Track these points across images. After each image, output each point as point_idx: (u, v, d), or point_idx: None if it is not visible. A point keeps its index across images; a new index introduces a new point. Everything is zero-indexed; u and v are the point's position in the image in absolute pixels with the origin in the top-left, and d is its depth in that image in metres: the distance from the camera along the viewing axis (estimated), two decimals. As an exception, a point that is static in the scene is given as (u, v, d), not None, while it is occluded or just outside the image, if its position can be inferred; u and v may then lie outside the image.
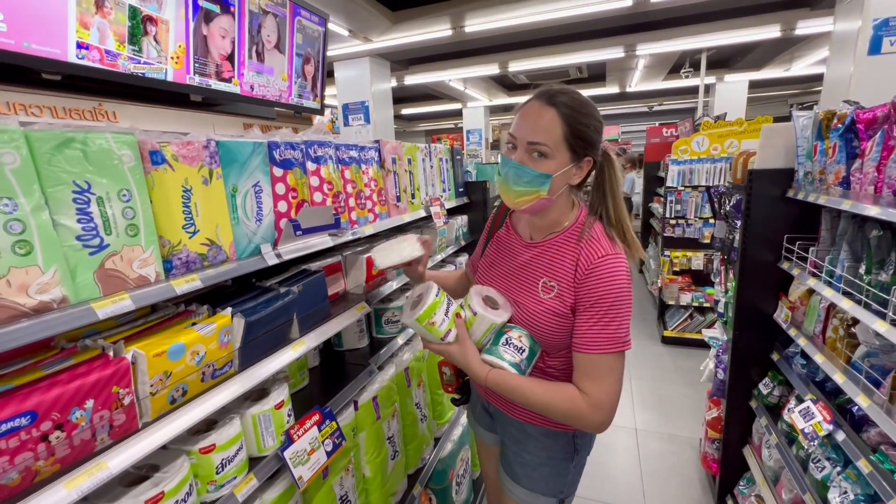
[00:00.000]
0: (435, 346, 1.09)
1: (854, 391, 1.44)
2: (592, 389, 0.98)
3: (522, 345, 1.06)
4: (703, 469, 2.69)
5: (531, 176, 1.00)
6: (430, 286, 1.08)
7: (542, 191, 1.00)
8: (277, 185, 1.15)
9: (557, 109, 0.97)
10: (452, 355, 1.08)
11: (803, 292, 1.93)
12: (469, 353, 1.07)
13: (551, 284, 1.05)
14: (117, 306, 0.76)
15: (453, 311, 1.09)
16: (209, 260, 0.95)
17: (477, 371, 1.05)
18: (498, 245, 1.27)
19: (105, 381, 0.75)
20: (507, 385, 1.02)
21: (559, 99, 0.98)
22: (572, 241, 1.06)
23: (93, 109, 1.72)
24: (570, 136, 0.98)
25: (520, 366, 1.04)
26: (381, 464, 1.64)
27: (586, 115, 1.00)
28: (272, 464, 1.14)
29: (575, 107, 0.99)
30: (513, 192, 1.02)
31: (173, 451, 0.96)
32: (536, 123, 0.98)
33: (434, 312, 1.04)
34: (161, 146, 0.84)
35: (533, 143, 0.98)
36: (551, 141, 0.97)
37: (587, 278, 0.99)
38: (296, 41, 2.03)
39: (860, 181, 1.48)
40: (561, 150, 0.99)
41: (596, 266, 0.98)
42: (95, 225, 0.74)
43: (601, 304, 0.97)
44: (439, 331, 1.05)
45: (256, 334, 1.07)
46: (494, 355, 1.05)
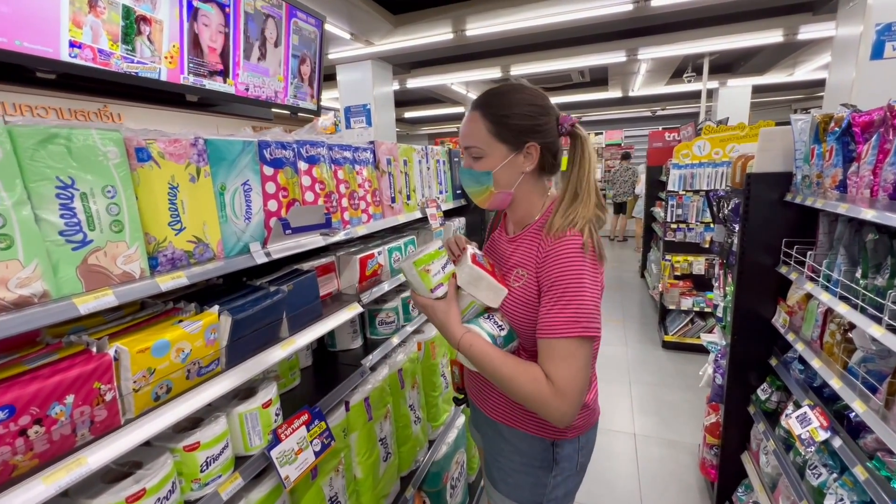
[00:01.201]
0: (421, 299, 1.09)
1: (850, 397, 1.42)
2: (555, 375, 0.95)
3: (503, 325, 1.07)
4: (701, 475, 2.66)
5: (475, 176, 1.08)
6: (435, 242, 1.12)
7: (489, 187, 1.07)
8: (267, 183, 1.15)
9: (479, 110, 1.04)
10: (435, 310, 1.07)
11: (801, 297, 1.92)
12: (452, 312, 1.07)
13: (521, 273, 1.07)
14: (100, 301, 0.76)
15: (449, 271, 1.10)
16: (196, 257, 0.96)
17: (454, 330, 1.04)
18: (491, 246, 1.30)
19: (86, 376, 0.75)
20: (479, 349, 1.01)
21: (479, 101, 1.06)
22: (540, 229, 1.07)
23: (98, 111, 1.74)
24: (496, 132, 1.03)
25: (496, 339, 1.04)
26: (373, 465, 1.63)
27: (508, 105, 1.03)
28: (258, 463, 1.13)
29: (494, 102, 1.04)
30: (473, 194, 1.12)
31: (157, 448, 0.96)
32: (466, 129, 1.07)
33: (433, 261, 1.06)
34: (147, 143, 0.84)
35: (467, 148, 1.07)
36: (480, 141, 1.04)
37: (545, 261, 1.00)
38: (292, 42, 2.04)
39: (857, 184, 1.47)
40: (493, 146, 1.04)
41: (552, 248, 0.99)
42: (79, 220, 0.74)
43: (558, 285, 0.96)
44: (431, 280, 1.05)
45: (244, 333, 1.07)
46: (474, 324, 1.06)
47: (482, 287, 1.07)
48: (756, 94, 8.80)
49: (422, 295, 1.09)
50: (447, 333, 1.06)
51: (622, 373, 4.03)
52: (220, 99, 1.85)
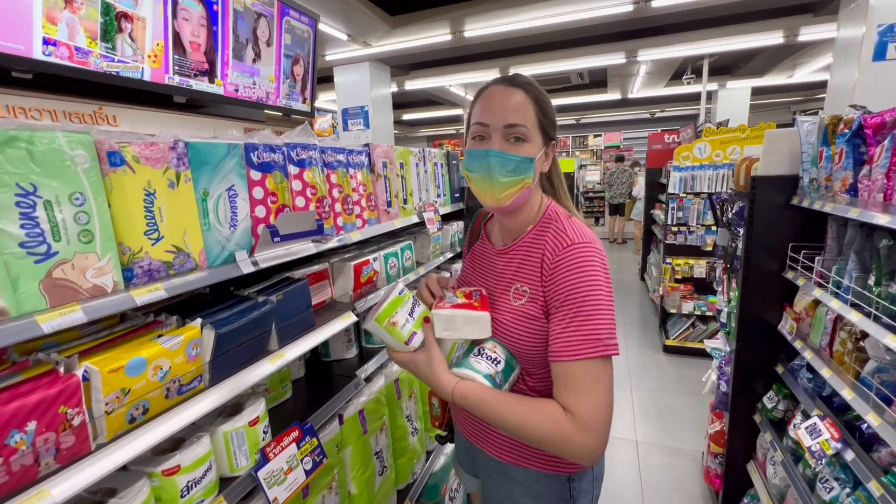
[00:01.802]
0: (399, 356, 0.96)
1: (864, 408, 1.36)
2: (577, 405, 0.81)
3: (497, 356, 0.92)
4: (705, 484, 2.61)
5: (515, 162, 0.90)
6: (395, 284, 0.98)
7: (527, 178, 0.91)
8: (255, 189, 1.09)
9: (524, 90, 0.91)
10: (417, 365, 0.93)
11: (809, 303, 1.87)
12: (435, 361, 0.92)
13: (523, 289, 0.93)
14: (66, 319, 0.70)
15: (420, 314, 0.95)
16: (175, 268, 0.90)
17: (443, 381, 0.90)
18: (473, 260, 1.14)
19: (50, 400, 0.69)
20: (478, 398, 0.86)
21: (521, 80, 0.93)
22: (539, 237, 0.95)
23: (93, 113, 1.70)
24: (541, 117, 0.92)
25: (494, 378, 0.89)
26: (368, 480, 1.57)
27: (546, 94, 0.96)
28: (245, 484, 1.07)
29: (537, 86, 0.94)
30: (498, 185, 0.90)
31: (133, 473, 0.89)
32: (512, 105, 0.90)
33: (395, 311, 0.91)
34: (121, 147, 0.78)
35: (511, 126, 0.89)
36: (528, 122, 0.90)
37: (554, 273, 0.87)
38: (284, 42, 1.99)
39: (868, 188, 1.42)
40: (535, 131, 0.92)
41: (562, 258, 0.87)
42: (42, 231, 0.68)
43: (572, 300, 0.84)
44: (402, 333, 0.91)
45: (229, 347, 1.01)
46: (465, 366, 0.91)
47: (459, 325, 0.92)
48: (755, 95, 8.79)
49: (398, 350, 0.96)
50: (436, 388, 0.92)
51: (623, 378, 3.98)
52: (208, 100, 1.79)
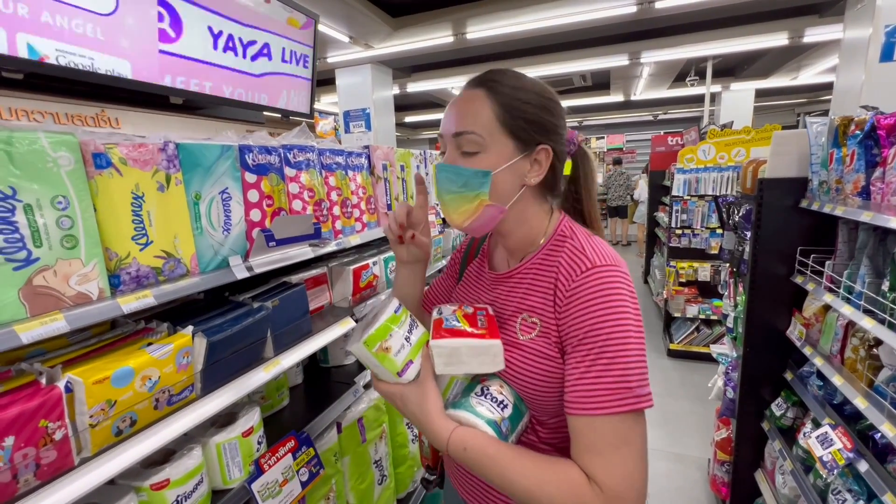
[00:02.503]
0: (386, 387, 0.76)
1: (878, 418, 1.32)
2: (603, 473, 0.64)
3: (504, 398, 0.75)
4: (711, 492, 2.56)
5: (465, 176, 0.74)
6: (389, 300, 0.79)
7: (482, 194, 0.74)
8: (250, 191, 1.06)
9: (483, 88, 0.75)
10: (406, 401, 0.74)
11: (818, 308, 1.82)
12: (429, 400, 0.73)
13: (532, 321, 0.76)
14: (48, 328, 0.67)
15: (419, 338, 0.77)
16: (165, 274, 0.86)
17: (437, 426, 0.71)
18: (467, 282, 0.96)
19: (29, 414, 0.66)
20: (480, 452, 0.68)
21: (485, 76, 0.77)
22: (551, 258, 0.78)
23: (95, 115, 1.69)
24: (506, 118, 0.74)
25: (499, 426, 0.71)
26: (367, 490, 1.53)
27: (527, 90, 0.76)
28: (238, 497, 1.04)
29: (510, 83, 0.76)
30: (450, 204, 0.77)
31: (121, 487, 0.86)
32: (460, 109, 0.75)
33: (389, 333, 0.72)
34: (107, 148, 0.75)
35: (459, 134, 0.74)
36: (481, 126, 0.73)
37: (570, 302, 0.70)
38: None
39: (882, 191, 1.38)
40: (497, 136, 0.74)
41: (580, 284, 0.70)
42: (21, 236, 0.65)
43: (593, 337, 0.67)
44: (395, 362, 0.73)
45: (221, 355, 0.98)
46: (463, 408, 0.73)
47: (464, 358, 0.73)
48: (759, 97, 8.74)
49: (386, 382, 0.77)
50: (428, 433, 0.73)
51: (627, 383, 3.92)
52: (205, 101, 1.76)
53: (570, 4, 4.12)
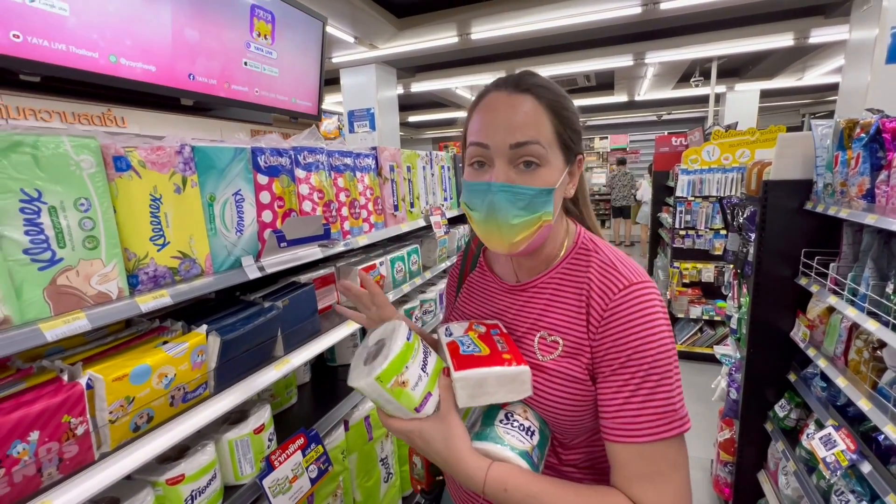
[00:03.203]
0: (401, 425, 0.67)
1: (882, 420, 1.33)
2: (654, 498, 0.61)
3: (530, 423, 0.68)
4: (714, 493, 2.56)
5: (529, 196, 0.67)
6: (396, 326, 0.70)
7: (546, 214, 0.68)
8: (262, 193, 1.08)
9: (536, 96, 0.68)
10: (429, 439, 0.65)
11: (822, 310, 1.83)
12: (456, 435, 0.65)
13: (553, 339, 0.71)
14: (70, 326, 0.69)
15: (434, 366, 0.69)
16: (181, 274, 0.88)
17: (470, 466, 0.64)
18: (471, 294, 0.89)
19: (53, 409, 0.68)
20: (524, 492, 0.62)
21: (530, 81, 0.70)
22: (574, 273, 0.73)
23: (101, 115, 1.71)
24: (560, 129, 0.69)
25: (531, 457, 0.66)
26: (373, 488, 1.55)
27: (566, 97, 0.73)
28: (250, 493, 1.06)
29: (553, 89, 0.71)
30: (508, 229, 0.68)
31: (138, 482, 0.88)
32: (520, 119, 0.67)
33: (405, 366, 0.64)
34: (127, 151, 0.77)
35: (520, 145, 0.66)
36: (543, 137, 0.67)
37: (608, 324, 0.66)
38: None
39: (887, 194, 1.39)
40: (554, 148, 0.69)
41: (618, 304, 0.65)
42: (46, 237, 0.67)
43: (636, 363, 0.63)
44: (413, 397, 0.64)
45: (234, 353, 1.00)
46: (492, 441, 0.65)
47: (490, 389, 0.66)
48: (764, 98, 8.70)
49: (399, 419, 0.67)
50: (459, 474, 0.65)
51: (630, 383, 3.92)
52: (216, 103, 1.78)
53: (575, 5, 4.12)
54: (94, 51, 1.31)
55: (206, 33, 1.61)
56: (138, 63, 1.45)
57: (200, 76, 1.63)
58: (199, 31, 1.58)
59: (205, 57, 1.63)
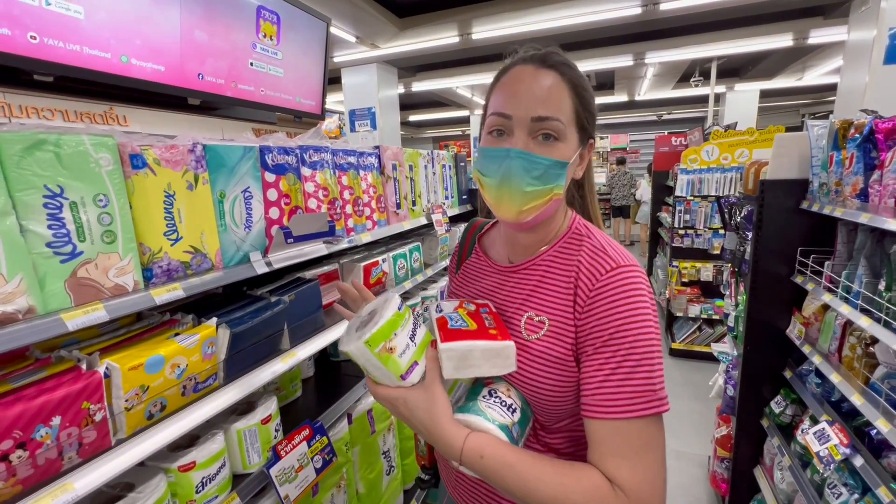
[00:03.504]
0: (387, 392, 0.69)
1: (874, 414, 1.36)
2: (627, 477, 0.62)
3: (513, 401, 0.71)
4: (711, 489, 2.59)
5: (544, 166, 0.69)
6: (390, 297, 0.72)
7: (557, 187, 0.71)
8: (269, 190, 1.11)
9: (560, 74, 0.71)
10: (413, 408, 0.67)
11: (818, 308, 1.86)
12: (439, 406, 0.67)
13: (539, 320, 0.73)
14: (90, 317, 0.72)
15: (422, 338, 0.71)
16: (193, 268, 0.92)
17: (449, 433, 0.65)
18: (466, 277, 0.91)
19: (74, 396, 0.71)
20: (499, 460, 0.63)
21: (556, 58, 0.72)
22: (565, 256, 0.76)
23: (104, 113, 1.74)
24: (579, 108, 0.72)
25: (511, 431, 0.68)
26: (376, 480, 1.58)
27: (586, 79, 0.75)
28: (257, 481, 1.09)
29: (576, 70, 0.74)
30: (520, 196, 0.70)
31: (150, 469, 0.91)
32: (545, 93, 0.69)
33: (394, 332, 0.66)
34: (142, 150, 0.81)
35: (542, 119, 0.68)
36: (564, 114, 0.70)
37: (593, 303, 0.67)
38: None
39: (879, 193, 1.42)
40: (572, 128, 0.71)
41: (605, 284, 0.67)
42: (68, 231, 0.70)
43: (618, 340, 0.65)
44: (399, 364, 0.66)
45: (243, 346, 1.03)
46: (472, 411, 0.68)
47: (476, 362, 0.69)
48: (764, 98, 8.74)
49: (385, 386, 0.70)
50: (438, 441, 0.67)
51: (629, 381, 3.95)
52: (222, 102, 1.81)
53: (575, 5, 4.15)
54: (106, 51, 1.34)
55: (214, 34, 1.64)
56: (149, 63, 1.48)
57: (209, 76, 1.66)
58: (208, 32, 1.61)
59: (213, 57, 1.66)
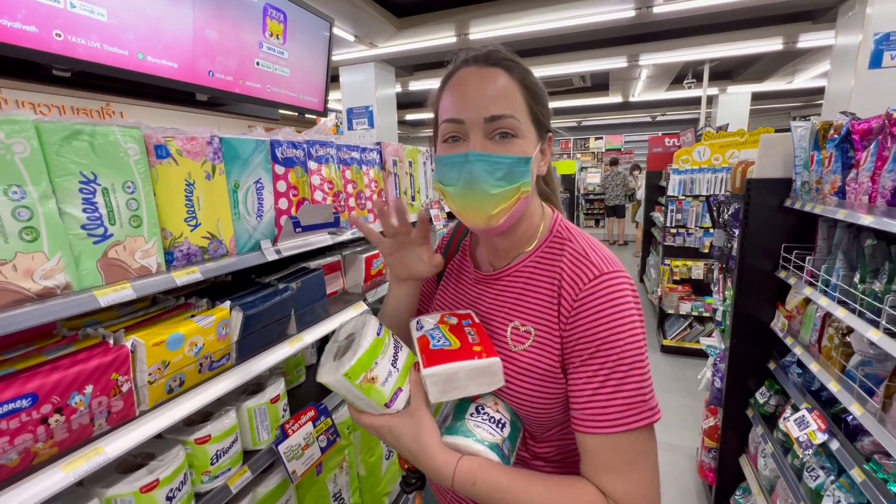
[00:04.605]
0: (371, 420, 0.67)
1: (848, 400, 1.44)
2: (621, 490, 0.62)
3: (501, 415, 0.68)
4: (699, 478, 2.68)
5: (507, 165, 0.66)
6: (367, 320, 0.69)
7: (524, 184, 0.67)
8: (279, 182, 1.17)
9: (507, 70, 0.68)
10: (399, 436, 0.65)
11: (800, 301, 1.94)
12: (426, 431, 0.65)
13: (525, 330, 0.70)
14: (118, 294, 0.78)
15: (405, 361, 0.68)
16: (210, 253, 0.97)
17: (439, 461, 0.64)
18: (448, 281, 0.87)
19: (105, 367, 0.77)
20: (492, 485, 0.62)
21: (500, 56, 0.69)
22: (547, 262, 0.72)
23: (101, 109, 1.77)
24: (532, 102, 0.69)
25: (502, 449, 0.66)
26: (375, 464, 1.64)
27: (533, 74, 0.72)
28: (266, 457, 1.15)
29: (522, 64, 0.71)
30: (488, 200, 0.66)
31: (169, 441, 0.97)
32: (494, 92, 0.66)
33: (375, 361, 0.63)
34: (166, 141, 0.86)
35: (495, 118, 0.65)
36: (517, 111, 0.67)
37: (578, 312, 0.65)
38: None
39: (855, 191, 1.50)
40: (527, 123, 0.68)
41: (589, 293, 0.65)
42: (100, 215, 0.76)
43: (606, 351, 0.63)
44: (383, 393, 0.64)
45: (254, 328, 1.09)
46: (462, 434, 0.66)
47: (462, 383, 0.66)
48: (755, 100, 8.87)
49: (371, 413, 0.67)
50: (428, 469, 0.65)
51: (621, 376, 4.03)
52: (229, 99, 1.87)
53: (571, 8, 4.23)
54: (125, 48, 1.40)
55: (225, 33, 1.69)
56: (163, 60, 1.54)
57: (219, 73, 1.72)
58: (218, 31, 1.66)
59: (223, 55, 1.71)
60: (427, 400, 0.67)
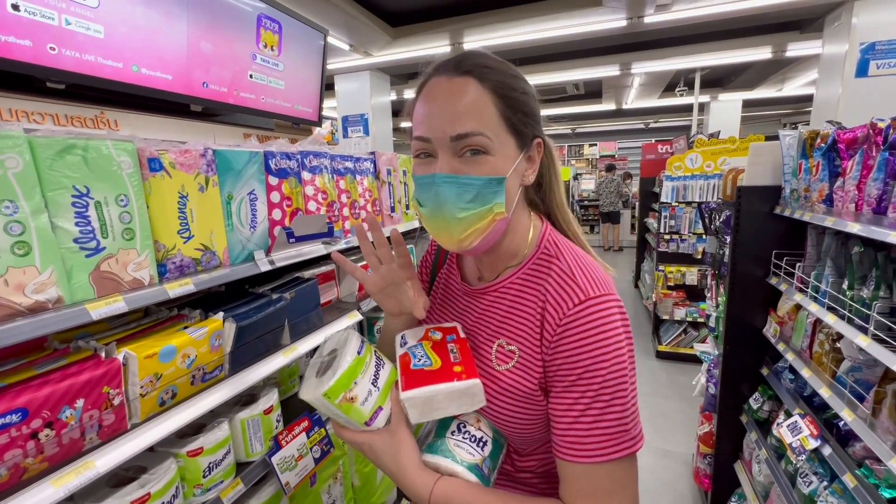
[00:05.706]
0: (352, 436, 0.68)
1: (839, 405, 1.45)
2: None
3: (483, 434, 0.68)
4: (695, 484, 2.68)
5: (476, 187, 0.62)
6: (350, 337, 0.69)
7: (496, 207, 0.63)
8: (272, 193, 1.18)
9: (478, 78, 0.63)
10: (379, 453, 0.66)
11: (791, 307, 1.96)
12: (404, 450, 0.65)
13: (510, 349, 0.68)
14: (111, 307, 0.78)
15: (386, 378, 0.68)
16: (203, 265, 0.98)
17: (417, 482, 0.64)
18: (436, 298, 0.86)
19: (96, 380, 0.77)
20: None
21: (473, 62, 0.64)
22: (534, 281, 0.69)
23: (94, 118, 1.77)
24: (507, 112, 0.64)
25: (481, 469, 0.66)
26: (370, 474, 1.64)
27: (515, 75, 0.68)
28: (259, 469, 1.14)
29: (500, 69, 0.66)
30: (456, 224, 0.63)
31: (161, 454, 0.97)
32: (460, 107, 0.61)
33: (354, 381, 0.64)
34: (160, 154, 0.87)
35: (462, 137, 0.61)
36: (487, 125, 0.62)
37: (561, 339, 0.62)
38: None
39: (842, 199, 1.52)
40: (501, 135, 0.64)
41: (572, 320, 0.62)
42: (93, 228, 0.76)
43: (587, 381, 0.61)
44: (362, 412, 0.64)
45: (247, 339, 1.09)
46: (441, 454, 0.66)
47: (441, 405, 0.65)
48: (746, 108, 8.98)
49: (351, 430, 0.68)
50: (406, 489, 0.65)
51: (616, 382, 4.04)
52: (223, 109, 1.88)
53: (564, 17, 4.28)
54: (119, 61, 1.41)
55: (219, 46, 1.71)
56: (157, 72, 1.54)
57: (213, 84, 1.73)
58: (213, 43, 1.68)
59: (217, 67, 1.72)
60: (404, 418, 0.66)
